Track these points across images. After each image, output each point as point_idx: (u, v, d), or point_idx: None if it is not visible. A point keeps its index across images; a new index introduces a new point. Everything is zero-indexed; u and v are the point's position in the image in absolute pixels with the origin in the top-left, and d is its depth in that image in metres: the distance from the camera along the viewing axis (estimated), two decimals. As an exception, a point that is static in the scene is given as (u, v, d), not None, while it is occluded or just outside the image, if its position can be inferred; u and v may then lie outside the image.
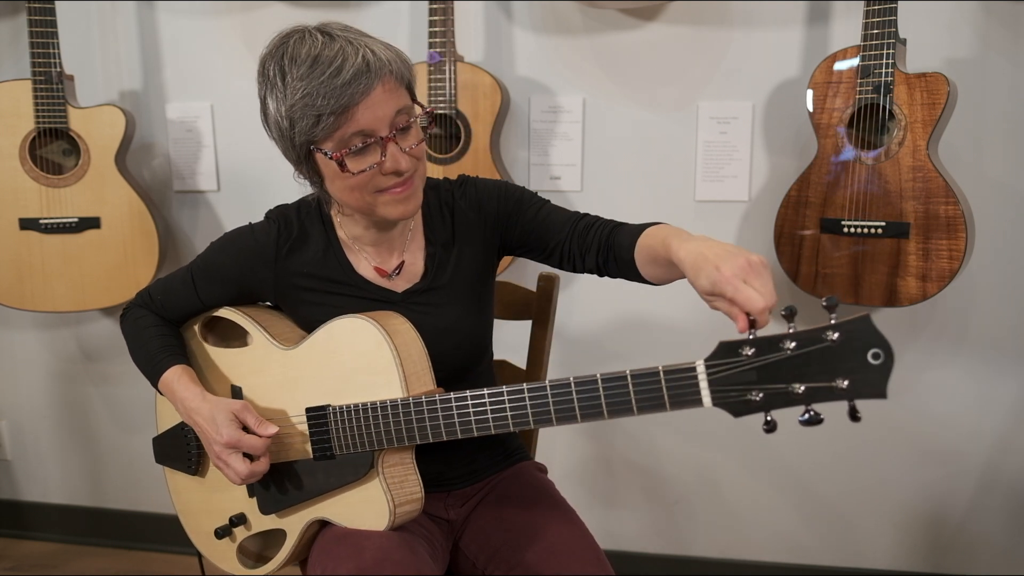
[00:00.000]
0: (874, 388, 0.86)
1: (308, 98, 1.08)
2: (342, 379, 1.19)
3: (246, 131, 2.25)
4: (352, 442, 1.17)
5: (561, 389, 1.04)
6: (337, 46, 1.09)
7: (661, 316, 2.12)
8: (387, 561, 1.11)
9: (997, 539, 2.05)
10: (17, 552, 2.49)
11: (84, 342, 2.43)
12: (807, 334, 0.89)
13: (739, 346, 0.91)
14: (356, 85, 1.07)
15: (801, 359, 0.89)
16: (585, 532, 1.26)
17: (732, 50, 1.99)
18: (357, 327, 1.18)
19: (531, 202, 1.32)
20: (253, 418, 1.20)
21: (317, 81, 1.07)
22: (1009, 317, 1.95)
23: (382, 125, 1.11)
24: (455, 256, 1.30)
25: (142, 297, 1.36)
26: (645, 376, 0.98)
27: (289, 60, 1.10)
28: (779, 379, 0.90)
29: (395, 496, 1.16)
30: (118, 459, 2.48)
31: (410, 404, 1.13)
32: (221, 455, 1.20)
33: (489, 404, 1.09)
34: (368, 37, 1.13)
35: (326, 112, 1.08)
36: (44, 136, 2.06)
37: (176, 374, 1.27)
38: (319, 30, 1.12)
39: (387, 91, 1.11)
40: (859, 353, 0.86)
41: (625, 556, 2.24)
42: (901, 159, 1.71)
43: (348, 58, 1.08)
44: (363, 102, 1.09)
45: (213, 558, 1.36)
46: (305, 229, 1.28)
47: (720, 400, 0.94)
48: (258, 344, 1.28)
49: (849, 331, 0.87)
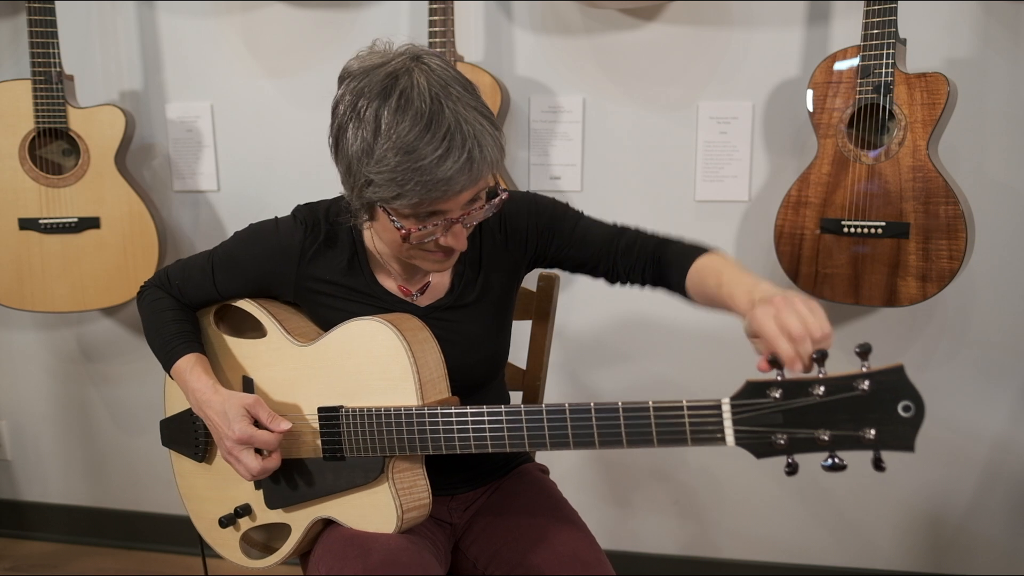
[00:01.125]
0: (902, 441, 0.85)
1: (398, 177, 1.01)
2: (356, 381, 1.18)
3: (246, 131, 2.25)
4: (363, 446, 1.16)
5: (581, 415, 1.01)
6: (446, 123, 1.00)
7: (661, 316, 2.12)
8: (394, 564, 1.10)
9: (997, 539, 2.05)
10: (17, 552, 2.49)
11: (84, 342, 2.42)
12: (837, 381, 0.87)
13: (767, 387, 0.89)
14: (454, 184, 1.01)
15: (829, 406, 0.87)
16: (587, 533, 1.26)
17: (732, 50, 1.99)
18: (375, 330, 1.16)
19: (565, 217, 1.28)
20: (266, 413, 1.18)
21: (413, 166, 1.00)
22: (1009, 317, 1.95)
23: (457, 209, 1.08)
24: (483, 276, 1.28)
25: (160, 278, 1.34)
26: (668, 409, 0.96)
27: (391, 117, 1.01)
28: (806, 424, 0.88)
29: (404, 502, 1.16)
30: (118, 459, 2.48)
31: (424, 414, 1.11)
32: (232, 451, 1.17)
33: (506, 422, 1.07)
34: (476, 110, 1.03)
35: (412, 195, 1.02)
36: (44, 136, 2.06)
37: (189, 363, 1.24)
38: (428, 81, 1.02)
39: (478, 187, 1.07)
40: (889, 404, 0.85)
41: (627, 556, 2.24)
42: (901, 159, 1.71)
43: (454, 146, 1.00)
44: (453, 199, 1.05)
45: (215, 545, 1.36)
46: (333, 234, 1.25)
47: (744, 440, 0.92)
48: (272, 337, 1.27)
49: (881, 381, 0.85)
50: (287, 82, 2.21)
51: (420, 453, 1.13)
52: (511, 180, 2.08)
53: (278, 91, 2.22)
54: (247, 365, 1.29)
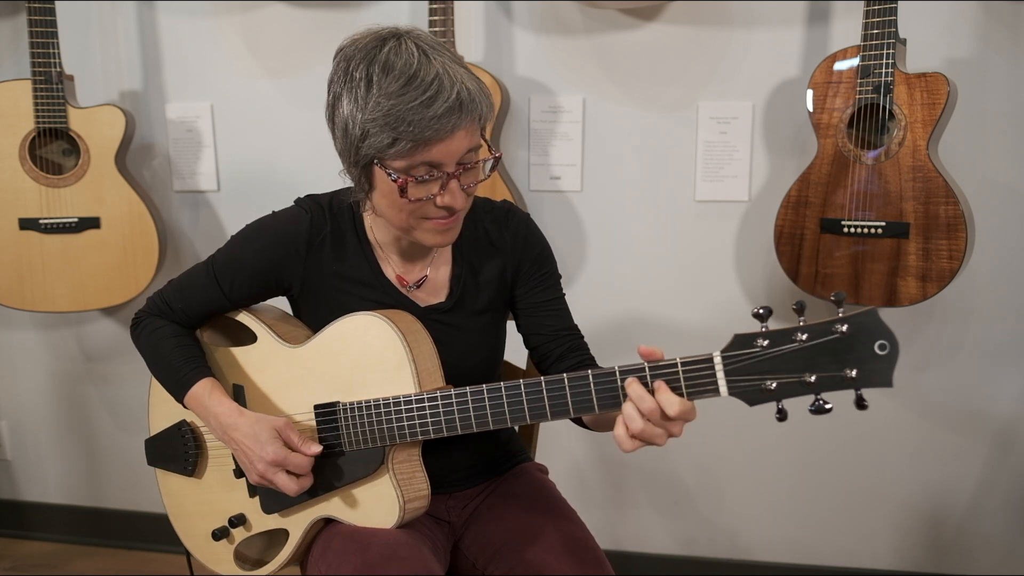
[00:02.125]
0: (881, 377, 0.91)
1: (391, 119, 1.04)
2: (351, 376, 1.18)
3: (246, 131, 2.25)
4: (363, 438, 1.17)
5: (580, 381, 1.05)
6: (434, 71, 1.05)
7: (661, 316, 2.12)
8: (393, 558, 1.11)
9: (997, 539, 2.05)
10: (17, 552, 2.49)
11: (84, 342, 2.43)
12: (818, 327, 0.93)
13: (754, 338, 0.96)
14: (444, 122, 1.04)
15: (812, 350, 0.93)
16: (586, 532, 1.26)
17: (732, 50, 1.99)
18: (369, 323, 1.17)
19: (553, 284, 1.34)
20: (297, 436, 1.17)
21: (406, 106, 1.04)
22: (1009, 317, 1.95)
23: (452, 161, 1.09)
24: (483, 281, 1.29)
25: (156, 305, 1.31)
26: (664, 367, 1.00)
27: (381, 68, 1.06)
28: (792, 369, 0.94)
29: (405, 492, 1.16)
30: (118, 459, 2.48)
31: (424, 399, 1.13)
32: (266, 473, 1.16)
33: (506, 397, 1.10)
34: (461, 68, 1.09)
35: (406, 140, 1.05)
36: (44, 136, 2.06)
37: (206, 388, 1.23)
38: (416, 43, 1.08)
39: (468, 132, 1.09)
40: (866, 344, 0.91)
41: (626, 556, 2.24)
42: (901, 159, 1.71)
43: (443, 91, 1.04)
44: (445, 139, 1.06)
45: (208, 561, 1.34)
46: (338, 225, 1.26)
47: (736, 389, 0.97)
48: (263, 342, 1.26)
49: (857, 323, 0.91)
50: (287, 82, 2.21)
51: (421, 438, 1.14)
52: (511, 180, 2.08)
53: (278, 91, 2.22)
54: (238, 372, 1.29)
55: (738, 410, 2.14)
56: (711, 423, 2.14)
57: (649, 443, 1.01)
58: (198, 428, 1.33)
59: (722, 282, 2.08)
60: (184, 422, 1.33)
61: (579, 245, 2.13)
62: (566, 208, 2.13)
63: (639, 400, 1.00)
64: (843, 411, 0.89)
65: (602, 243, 2.13)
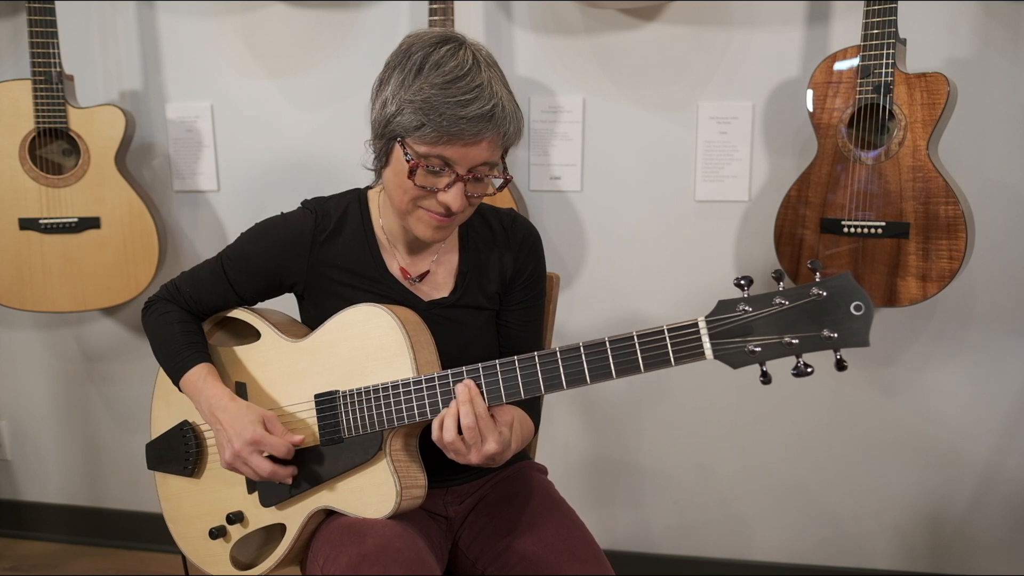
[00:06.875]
0: (858, 336, 0.95)
1: (426, 107, 1.10)
2: (351, 365, 1.20)
3: (246, 131, 2.25)
4: (361, 424, 1.19)
5: (571, 354, 1.10)
6: (480, 81, 1.12)
7: (661, 316, 2.12)
8: (389, 548, 1.12)
9: (997, 539, 2.05)
10: (17, 552, 2.49)
11: (84, 342, 2.43)
12: (796, 291, 0.99)
13: (736, 303, 1.01)
14: (472, 126, 1.10)
15: (792, 313, 0.98)
16: (585, 532, 1.26)
17: (732, 50, 1.99)
18: (369, 313, 1.20)
19: (538, 303, 1.39)
20: (279, 427, 1.22)
21: (444, 100, 1.10)
22: (1009, 317, 1.95)
23: (465, 165, 1.14)
24: (487, 278, 1.33)
25: (168, 290, 1.36)
26: (650, 335, 1.05)
27: (435, 62, 1.12)
28: (773, 332, 0.99)
29: (402, 479, 1.18)
30: (118, 459, 2.48)
31: (421, 381, 1.16)
32: (241, 452, 1.20)
33: (501, 374, 1.13)
34: (506, 90, 1.16)
35: (432, 128, 1.11)
36: (44, 136, 2.06)
37: (202, 372, 1.27)
38: (474, 53, 1.15)
39: (490, 144, 1.14)
40: (843, 305, 0.96)
41: (625, 556, 2.24)
42: (901, 159, 1.71)
43: (481, 98, 1.11)
44: (467, 143, 1.12)
45: (204, 564, 1.35)
46: (343, 220, 1.30)
47: (720, 353, 1.01)
48: (266, 339, 1.29)
49: (833, 287, 0.96)
50: (287, 82, 2.21)
51: (419, 420, 1.16)
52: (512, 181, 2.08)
53: (278, 91, 2.22)
54: (240, 370, 1.31)
55: (738, 410, 2.14)
56: (711, 423, 2.14)
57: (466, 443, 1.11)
58: (199, 427, 1.34)
59: (722, 282, 2.08)
60: (186, 422, 1.34)
61: (579, 245, 2.13)
62: (566, 208, 2.13)
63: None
64: (843, 411, 0.89)
65: (602, 243, 2.13)
